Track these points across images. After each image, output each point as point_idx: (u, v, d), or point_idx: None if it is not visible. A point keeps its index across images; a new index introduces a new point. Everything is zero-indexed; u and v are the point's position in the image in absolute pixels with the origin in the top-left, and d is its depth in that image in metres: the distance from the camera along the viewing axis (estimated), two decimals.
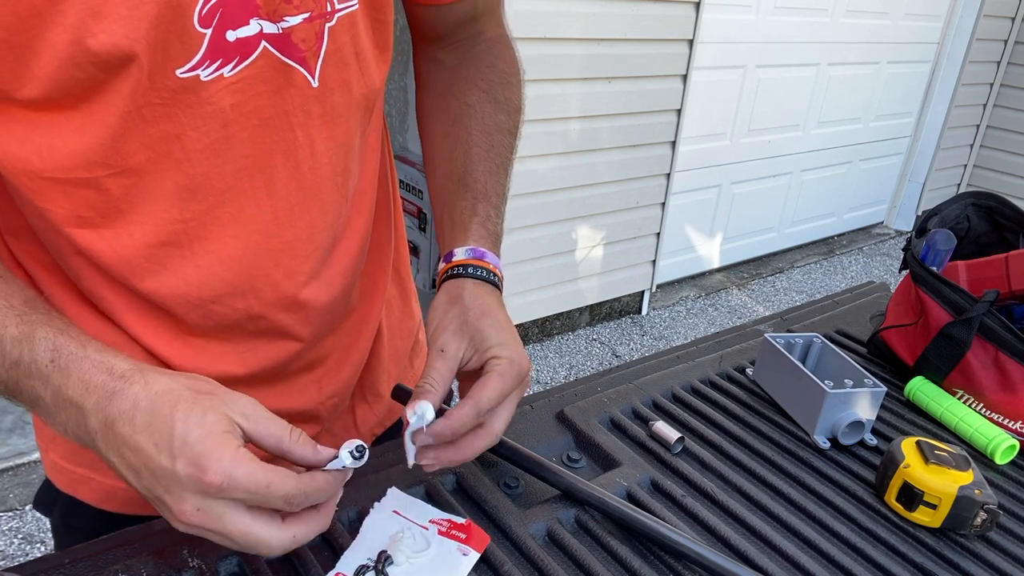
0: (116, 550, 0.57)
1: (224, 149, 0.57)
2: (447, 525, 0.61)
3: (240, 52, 0.54)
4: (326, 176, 0.64)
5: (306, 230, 0.64)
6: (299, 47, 0.57)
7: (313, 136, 0.62)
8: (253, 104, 0.57)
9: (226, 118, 0.56)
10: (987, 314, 0.84)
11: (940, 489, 0.67)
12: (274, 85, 0.57)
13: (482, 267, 0.67)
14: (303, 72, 0.59)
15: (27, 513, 1.99)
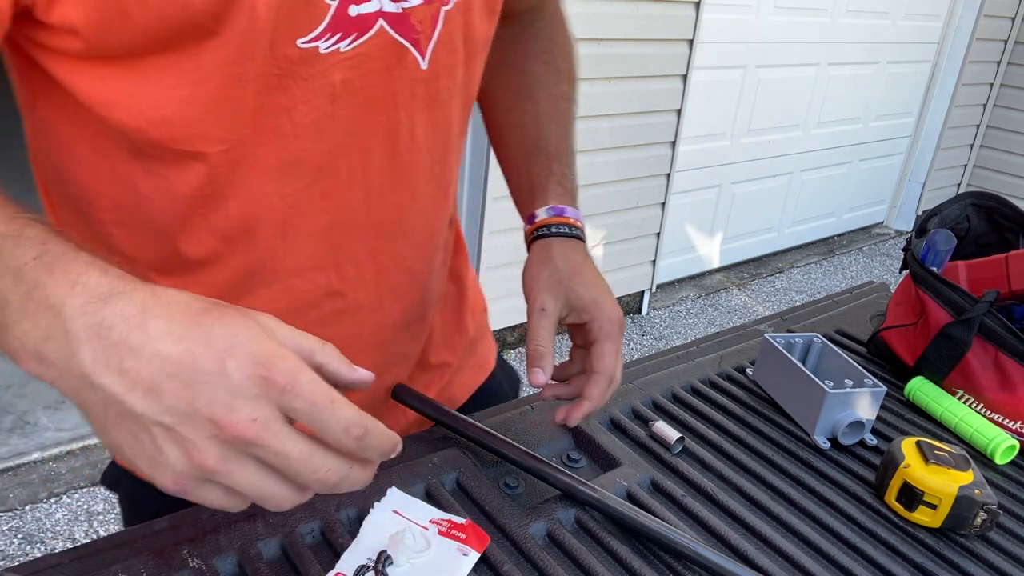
0: (116, 550, 0.57)
1: (328, 125, 0.57)
2: (447, 525, 0.61)
3: (358, 28, 0.55)
4: (423, 162, 0.65)
5: (395, 212, 0.65)
6: (415, 28, 0.58)
7: (415, 119, 0.62)
8: (362, 82, 0.57)
9: (335, 93, 0.56)
10: (987, 314, 0.84)
11: (940, 489, 0.67)
12: (385, 64, 0.57)
13: (565, 223, 0.73)
14: (415, 53, 0.59)
15: (27, 513, 1.99)
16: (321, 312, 0.66)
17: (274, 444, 0.37)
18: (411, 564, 0.57)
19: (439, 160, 0.67)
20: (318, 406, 0.38)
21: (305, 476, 0.39)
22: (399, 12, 0.56)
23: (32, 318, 0.38)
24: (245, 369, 0.37)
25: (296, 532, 0.60)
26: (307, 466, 0.38)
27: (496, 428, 0.73)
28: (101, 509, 2.04)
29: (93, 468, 2.16)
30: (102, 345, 0.37)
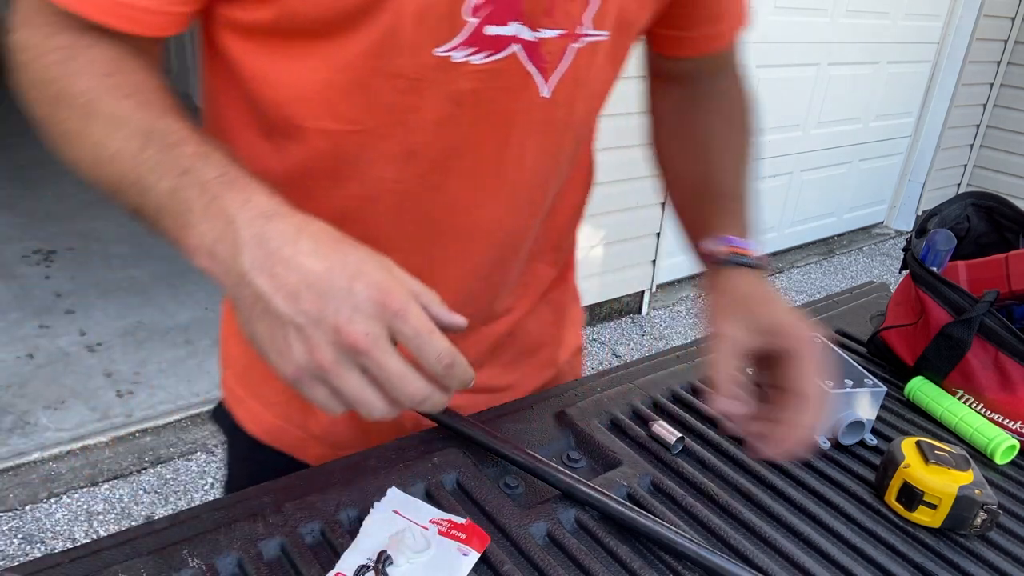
0: (116, 550, 0.57)
1: (449, 127, 0.62)
2: (447, 525, 0.61)
3: (492, 47, 0.59)
4: (524, 182, 0.68)
5: (488, 222, 0.69)
6: (544, 57, 0.61)
7: (526, 141, 0.65)
8: (486, 95, 0.61)
9: (460, 100, 0.60)
10: (987, 314, 0.84)
11: (940, 489, 0.67)
12: (510, 84, 0.61)
13: (738, 253, 0.71)
14: (539, 81, 0.62)
15: (27, 513, 1.99)
16: None
17: (379, 357, 0.45)
18: (411, 564, 0.57)
19: (539, 185, 0.70)
20: (420, 333, 0.46)
21: (398, 390, 0.46)
22: (532, 40, 0.60)
23: (210, 223, 0.47)
24: (368, 291, 0.45)
25: (296, 532, 0.60)
26: (401, 381, 0.46)
27: (496, 428, 0.73)
28: (101, 509, 2.04)
29: (93, 468, 2.16)
30: (260, 253, 0.46)
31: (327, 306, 0.45)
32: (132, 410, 2.39)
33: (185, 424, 2.37)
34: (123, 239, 3.49)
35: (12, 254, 3.26)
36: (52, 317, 2.82)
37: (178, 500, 2.10)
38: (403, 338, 0.46)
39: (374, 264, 0.47)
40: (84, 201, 3.85)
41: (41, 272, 3.14)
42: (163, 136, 0.50)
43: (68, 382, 2.48)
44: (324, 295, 0.45)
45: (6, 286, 3.00)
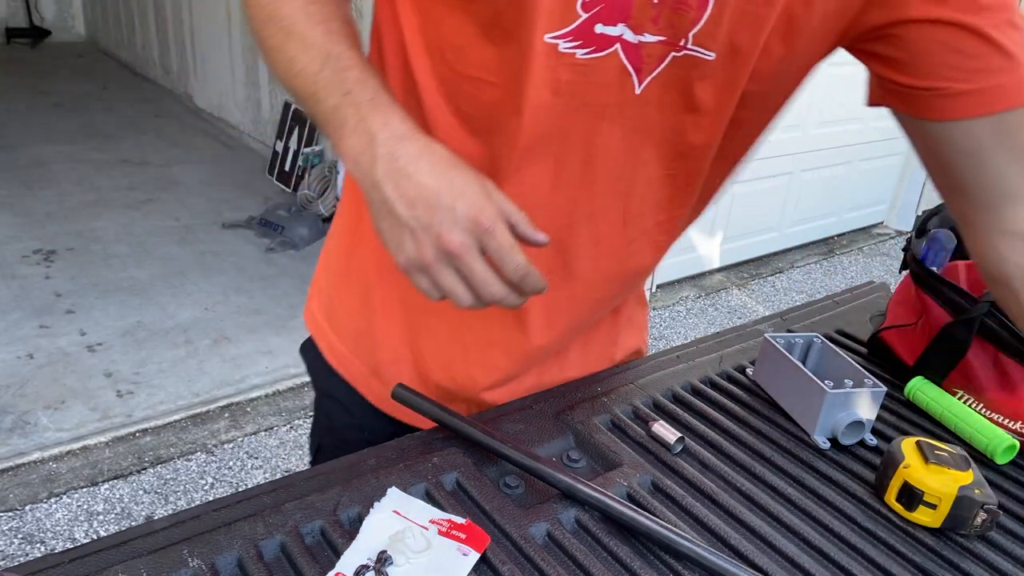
0: (116, 550, 0.57)
1: (543, 113, 0.67)
2: (447, 525, 0.61)
3: (597, 43, 0.63)
4: (610, 175, 0.72)
5: (568, 204, 0.73)
6: (642, 59, 0.65)
7: (615, 133, 0.69)
8: (583, 87, 0.65)
9: (558, 88, 0.65)
10: (987, 314, 0.84)
11: (940, 489, 0.67)
12: (607, 79, 0.65)
13: None
14: (634, 79, 0.66)
15: (27, 513, 1.99)
16: None
17: (468, 261, 0.57)
18: (411, 564, 0.57)
19: (626, 181, 0.72)
20: (502, 247, 0.58)
21: (481, 288, 0.58)
22: (635, 43, 0.64)
23: (358, 137, 0.59)
24: (466, 209, 0.57)
25: (296, 532, 0.60)
26: (484, 281, 0.58)
27: (496, 428, 0.73)
28: (101, 509, 2.04)
29: (93, 468, 2.16)
30: (390, 167, 0.58)
31: (433, 217, 0.56)
32: (132, 410, 2.39)
33: (185, 424, 2.37)
34: (123, 239, 3.49)
35: (12, 254, 3.26)
36: (52, 317, 2.83)
37: (178, 500, 2.10)
38: (489, 250, 0.58)
39: (476, 187, 0.58)
40: (84, 201, 3.85)
41: (41, 272, 3.14)
42: (336, 60, 0.62)
43: (68, 382, 2.48)
44: (432, 207, 0.57)
45: (6, 286, 3.00)
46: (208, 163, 4.62)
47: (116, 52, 6.94)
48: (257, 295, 3.11)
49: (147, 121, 5.26)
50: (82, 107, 5.36)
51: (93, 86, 6.01)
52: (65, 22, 7.46)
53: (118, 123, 5.13)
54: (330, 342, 0.90)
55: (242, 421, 2.42)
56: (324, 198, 3.78)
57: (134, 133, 4.98)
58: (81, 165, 4.33)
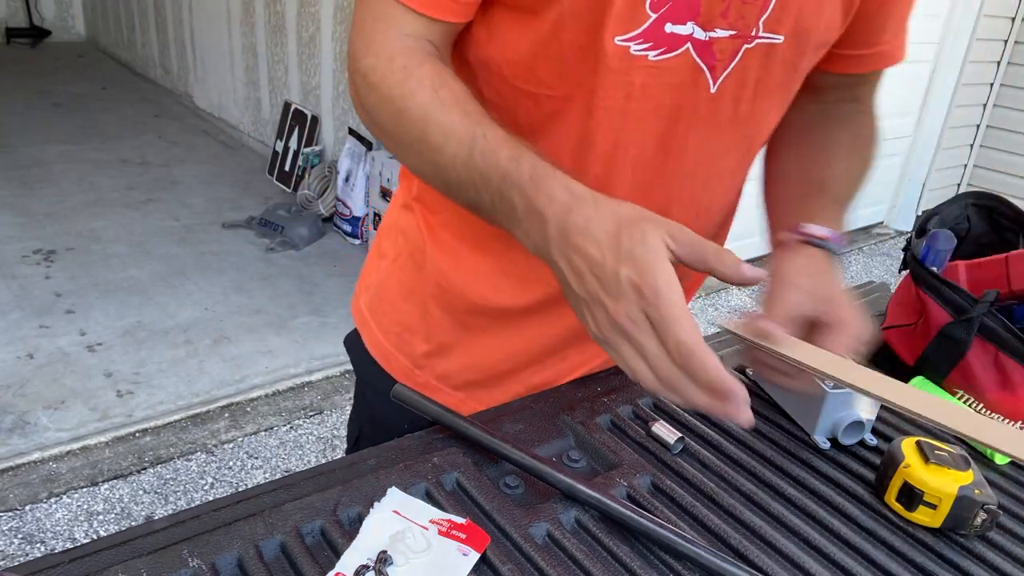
0: (116, 550, 0.57)
1: (617, 118, 0.67)
2: (447, 525, 0.61)
3: (668, 44, 0.63)
4: (686, 173, 0.72)
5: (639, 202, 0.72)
6: (715, 55, 0.65)
7: (690, 134, 0.69)
8: (657, 89, 0.65)
9: (631, 93, 0.65)
10: (987, 314, 0.84)
11: (940, 489, 0.67)
12: (680, 79, 0.65)
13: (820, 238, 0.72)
14: (708, 77, 0.66)
15: (27, 513, 1.99)
16: None
17: (635, 336, 0.54)
18: (411, 564, 0.57)
19: (701, 179, 0.73)
20: (665, 319, 0.52)
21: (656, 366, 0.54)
22: (705, 40, 0.64)
23: (530, 220, 0.59)
24: (629, 278, 0.53)
25: (296, 532, 0.60)
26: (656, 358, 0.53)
27: (496, 428, 0.73)
28: (101, 509, 2.04)
29: (93, 468, 2.16)
30: (561, 242, 0.57)
31: (599, 289, 0.55)
32: (132, 410, 2.39)
33: (185, 424, 2.37)
34: (123, 239, 3.49)
35: (12, 254, 3.26)
36: (52, 317, 2.83)
37: (178, 500, 2.10)
38: (653, 322, 0.53)
39: (644, 248, 0.53)
40: (84, 201, 3.85)
41: (41, 272, 3.14)
42: (484, 141, 0.61)
43: (68, 382, 2.48)
44: (599, 279, 0.55)
45: (6, 286, 3.00)
46: (208, 163, 4.62)
47: (116, 52, 6.95)
48: (257, 295, 3.11)
49: (147, 121, 5.26)
50: (82, 107, 5.36)
51: (93, 86, 6.01)
52: (65, 22, 7.46)
53: (118, 123, 5.13)
54: (374, 337, 0.92)
55: (242, 421, 2.42)
56: (324, 198, 3.78)
57: (134, 133, 4.98)
58: (81, 165, 4.33)
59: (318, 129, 4.09)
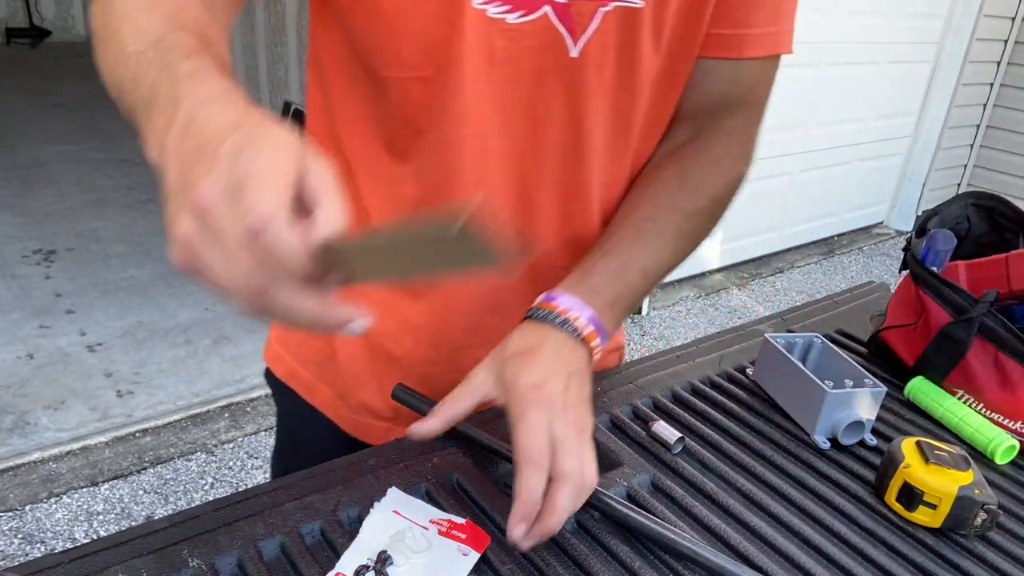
0: (116, 550, 0.57)
1: (484, 84, 0.66)
2: (447, 525, 0.61)
3: (526, 6, 0.63)
4: (556, 142, 0.70)
5: (519, 179, 0.71)
6: (573, 18, 0.64)
7: (556, 100, 0.68)
8: (517, 53, 0.65)
9: (493, 57, 0.64)
10: (987, 314, 0.84)
11: (940, 489, 0.67)
12: (540, 43, 0.65)
13: (546, 308, 0.65)
14: (568, 41, 0.65)
15: (27, 513, 1.99)
16: None
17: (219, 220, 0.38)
18: (411, 564, 0.57)
19: (572, 153, 0.72)
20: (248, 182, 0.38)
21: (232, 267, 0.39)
22: (563, 2, 0.63)
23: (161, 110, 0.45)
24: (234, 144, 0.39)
25: (296, 532, 0.60)
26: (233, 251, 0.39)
27: (496, 428, 0.73)
28: (101, 509, 2.04)
29: (93, 468, 2.16)
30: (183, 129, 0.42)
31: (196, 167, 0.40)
32: (132, 410, 2.39)
33: (185, 424, 2.37)
34: (123, 239, 3.49)
35: (12, 254, 3.26)
36: (52, 317, 2.82)
37: (178, 500, 2.10)
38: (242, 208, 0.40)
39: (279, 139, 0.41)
40: (84, 201, 3.85)
41: (41, 272, 3.14)
42: (168, 43, 0.49)
43: (68, 382, 2.48)
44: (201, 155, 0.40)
45: (6, 286, 3.00)
46: None
47: None
48: None
49: None
50: (82, 107, 5.36)
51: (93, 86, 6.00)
52: (65, 22, 7.46)
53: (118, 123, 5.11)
54: (292, 369, 0.88)
55: (242, 421, 2.42)
56: None
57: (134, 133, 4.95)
58: (81, 165, 4.33)
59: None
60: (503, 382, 0.61)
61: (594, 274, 0.68)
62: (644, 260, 0.71)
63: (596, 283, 0.68)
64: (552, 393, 0.58)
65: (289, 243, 0.38)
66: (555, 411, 0.57)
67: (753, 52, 0.74)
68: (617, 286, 0.69)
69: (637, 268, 0.70)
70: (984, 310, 0.84)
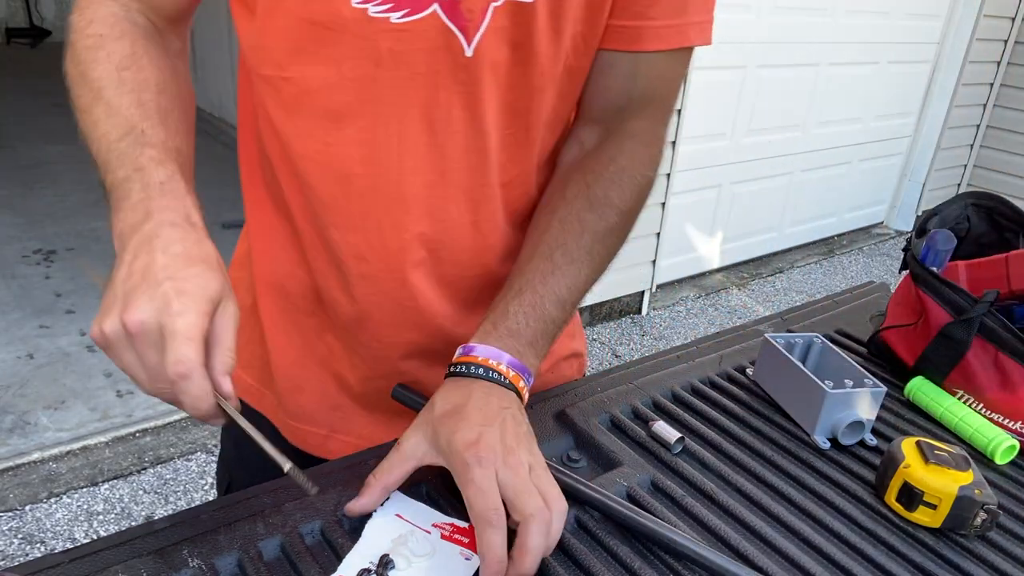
0: (116, 549, 0.57)
1: (371, 88, 0.63)
2: (450, 529, 0.61)
3: (411, 5, 0.60)
4: (458, 146, 0.68)
5: (423, 189, 0.69)
6: (464, 16, 0.61)
7: (453, 102, 0.65)
8: (408, 56, 0.62)
9: (380, 60, 0.62)
10: (987, 314, 0.84)
11: (940, 489, 0.67)
12: (432, 44, 0.62)
13: (464, 362, 0.65)
14: (461, 40, 0.62)
15: (27, 513, 1.99)
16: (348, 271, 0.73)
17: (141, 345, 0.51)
18: (413, 568, 0.57)
19: (475, 159, 0.69)
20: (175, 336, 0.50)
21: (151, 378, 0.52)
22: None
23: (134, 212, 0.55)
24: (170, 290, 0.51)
25: (296, 532, 0.60)
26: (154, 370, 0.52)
27: None
28: (101, 509, 2.04)
29: (93, 468, 2.16)
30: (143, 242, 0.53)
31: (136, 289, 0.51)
32: (132, 410, 2.39)
33: (185, 424, 2.37)
34: None
35: (12, 254, 3.26)
36: (52, 317, 2.82)
37: (178, 500, 2.10)
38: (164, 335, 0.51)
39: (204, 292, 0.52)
40: (84, 201, 3.85)
41: (41, 272, 3.14)
42: (139, 135, 0.59)
43: (68, 382, 2.48)
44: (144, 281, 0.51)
45: (6, 286, 3.00)
46: (208, 163, 4.61)
47: None
48: None
49: None
50: None
51: None
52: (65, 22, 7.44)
53: None
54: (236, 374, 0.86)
55: None
56: None
57: None
58: (81, 165, 4.32)
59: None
60: (438, 446, 0.61)
61: (508, 316, 0.67)
62: (559, 291, 0.70)
63: (511, 326, 0.67)
64: (489, 445, 0.58)
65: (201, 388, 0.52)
66: (497, 462, 0.57)
67: (653, 45, 0.70)
68: (534, 324, 0.68)
69: (553, 300, 0.69)
70: (984, 310, 0.84)
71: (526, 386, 0.66)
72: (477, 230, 0.73)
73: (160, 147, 0.59)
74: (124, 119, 0.60)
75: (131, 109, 0.60)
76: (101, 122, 0.60)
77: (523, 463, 0.58)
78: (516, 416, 0.62)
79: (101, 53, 0.63)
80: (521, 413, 0.63)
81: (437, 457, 0.61)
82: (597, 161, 0.75)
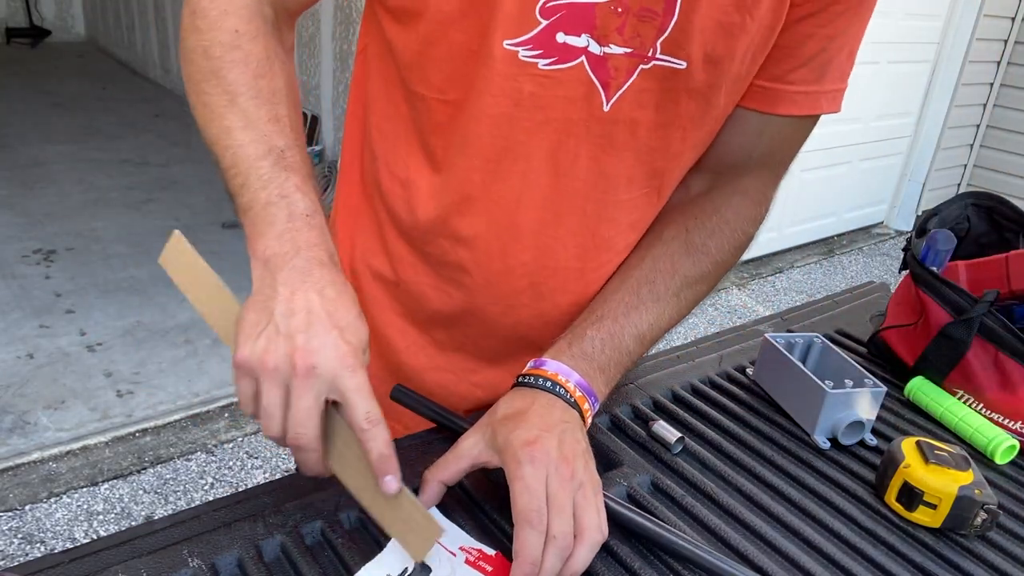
0: (116, 549, 0.57)
1: (505, 125, 0.64)
2: (476, 555, 0.60)
3: (560, 54, 0.61)
4: (578, 193, 0.68)
5: (536, 226, 0.69)
6: (609, 72, 0.62)
7: (582, 152, 0.66)
8: (547, 101, 0.63)
9: (520, 100, 0.63)
10: (987, 314, 0.84)
11: (940, 489, 0.67)
12: (572, 93, 0.63)
13: (535, 375, 0.66)
14: (602, 94, 0.63)
15: (27, 513, 1.99)
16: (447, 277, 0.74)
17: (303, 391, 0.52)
18: None
19: (594, 206, 0.69)
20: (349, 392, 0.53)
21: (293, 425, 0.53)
22: (600, 55, 0.61)
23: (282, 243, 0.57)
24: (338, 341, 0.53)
25: (296, 532, 0.60)
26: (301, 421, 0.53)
27: None
28: (101, 509, 2.04)
29: (93, 468, 2.16)
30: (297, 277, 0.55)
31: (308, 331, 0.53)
32: (132, 410, 2.39)
33: (185, 424, 2.37)
34: (123, 239, 3.49)
35: (12, 254, 3.26)
36: (52, 317, 2.82)
37: (178, 500, 2.10)
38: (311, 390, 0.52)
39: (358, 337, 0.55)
40: (84, 201, 3.85)
41: (41, 272, 3.14)
42: (281, 158, 0.59)
43: (68, 382, 2.48)
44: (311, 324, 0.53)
45: (6, 286, 3.00)
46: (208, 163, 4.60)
47: (116, 52, 6.95)
48: None
49: (147, 121, 5.26)
50: (82, 107, 5.36)
51: (93, 86, 6.01)
52: (65, 22, 7.46)
53: (118, 123, 5.13)
54: None
55: (242, 421, 2.42)
56: (324, 197, 3.78)
57: (134, 133, 4.98)
58: (81, 165, 4.33)
59: (318, 128, 4.09)
60: (495, 445, 0.61)
61: (584, 339, 0.68)
62: (640, 326, 0.70)
63: (586, 348, 0.68)
64: (546, 448, 0.58)
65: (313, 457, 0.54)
66: (550, 466, 0.57)
67: (786, 110, 0.70)
68: (609, 351, 0.68)
69: (632, 334, 0.70)
70: (984, 310, 0.84)
71: (591, 409, 0.66)
72: (582, 277, 0.74)
73: (301, 173, 0.60)
74: (262, 135, 0.60)
75: (268, 125, 0.60)
76: (236, 131, 0.60)
77: (575, 478, 0.58)
78: (576, 432, 0.62)
79: (238, 54, 0.62)
80: (581, 431, 0.63)
81: (492, 456, 0.61)
82: (702, 209, 0.75)
